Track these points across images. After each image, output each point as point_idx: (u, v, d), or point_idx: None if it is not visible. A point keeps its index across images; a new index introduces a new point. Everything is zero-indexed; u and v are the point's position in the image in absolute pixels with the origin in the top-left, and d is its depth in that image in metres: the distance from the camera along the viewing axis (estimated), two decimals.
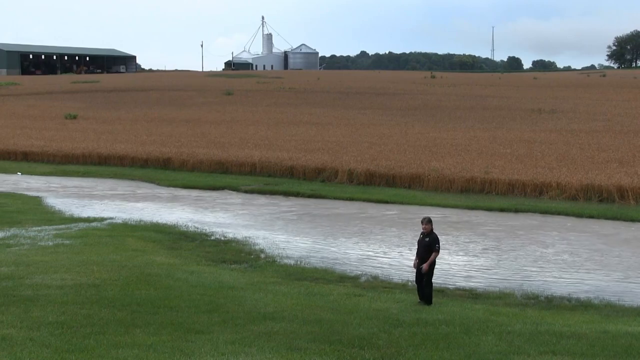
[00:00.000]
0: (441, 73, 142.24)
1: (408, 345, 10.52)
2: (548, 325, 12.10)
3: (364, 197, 28.93)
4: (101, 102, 78.95)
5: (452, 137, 44.54)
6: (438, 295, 14.77)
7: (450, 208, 26.75)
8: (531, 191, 28.75)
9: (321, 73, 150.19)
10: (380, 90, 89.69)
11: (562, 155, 35.67)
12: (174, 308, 12.39)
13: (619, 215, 25.06)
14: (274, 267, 17.66)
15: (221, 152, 38.34)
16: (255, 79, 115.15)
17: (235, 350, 9.94)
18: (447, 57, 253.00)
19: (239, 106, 72.09)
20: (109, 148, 41.37)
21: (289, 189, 30.86)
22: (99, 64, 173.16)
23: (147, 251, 18.57)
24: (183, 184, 32.95)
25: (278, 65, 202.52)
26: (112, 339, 10.37)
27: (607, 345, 10.76)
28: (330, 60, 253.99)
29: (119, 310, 12.05)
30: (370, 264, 18.56)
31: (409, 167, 32.37)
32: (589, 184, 28.03)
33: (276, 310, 12.62)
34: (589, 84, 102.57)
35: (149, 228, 22.45)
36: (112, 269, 15.54)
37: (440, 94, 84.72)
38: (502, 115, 60.22)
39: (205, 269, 16.74)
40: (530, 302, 14.96)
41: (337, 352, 10.07)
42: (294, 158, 35.61)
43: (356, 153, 36.64)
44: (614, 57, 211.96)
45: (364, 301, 13.85)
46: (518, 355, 10.11)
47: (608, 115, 59.39)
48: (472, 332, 11.39)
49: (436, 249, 13.65)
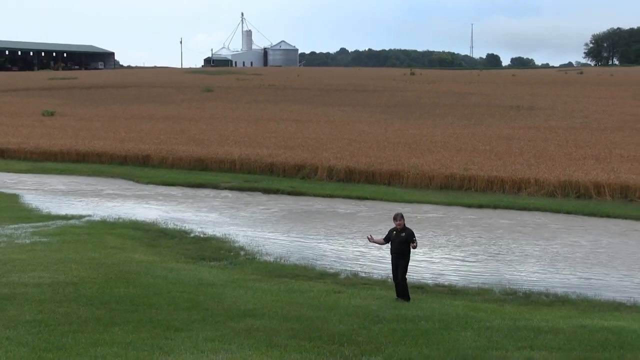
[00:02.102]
0: (421, 70, 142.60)
1: (387, 341, 10.56)
2: (526, 321, 12.20)
3: (343, 194, 28.97)
4: (79, 99, 78.31)
5: (431, 134, 44.71)
6: (417, 292, 14.85)
7: (430, 204, 26.86)
8: (510, 187, 28.94)
9: (301, 70, 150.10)
10: (360, 87, 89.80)
11: (540, 152, 35.93)
12: (153, 305, 12.34)
13: (595, 211, 25.32)
14: (253, 264, 17.64)
15: (201, 149, 38.20)
16: (235, 75, 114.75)
17: (214, 348, 9.91)
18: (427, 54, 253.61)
19: (219, 103, 71.84)
20: (88, 145, 41.06)
21: (269, 186, 30.82)
22: (77, 61, 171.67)
23: (126, 249, 18.47)
24: (162, 181, 32.79)
25: (258, 62, 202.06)
26: (91, 337, 10.30)
27: (583, 339, 10.86)
28: (310, 57, 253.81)
29: (98, 309, 11.97)
30: (350, 260, 18.60)
31: (389, 163, 32.45)
32: (566, 181, 28.27)
33: (256, 307, 12.61)
34: (567, 81, 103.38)
35: (127, 225, 22.33)
36: (91, 266, 15.44)
37: (419, 90, 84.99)
38: (481, 112, 60.52)
39: (184, 267, 16.68)
40: (508, 298, 15.08)
41: (316, 348, 10.08)
42: (274, 155, 35.57)
43: (336, 150, 36.66)
44: (591, 54, 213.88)
45: (344, 298, 13.87)
46: (496, 351, 10.17)
47: (585, 112, 59.91)
48: (451, 328, 11.45)
49: (414, 241, 13.73)
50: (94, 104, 73.05)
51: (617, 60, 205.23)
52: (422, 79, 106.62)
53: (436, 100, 71.96)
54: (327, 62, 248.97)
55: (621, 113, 58.78)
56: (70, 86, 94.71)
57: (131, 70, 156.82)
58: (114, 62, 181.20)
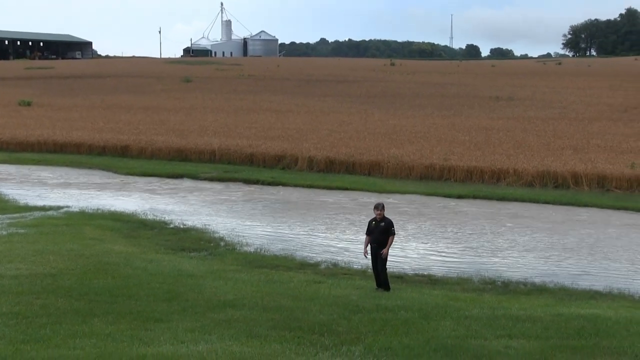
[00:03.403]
0: (401, 60, 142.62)
1: (367, 331, 10.60)
2: (504, 310, 12.30)
3: (323, 185, 28.99)
4: (56, 89, 77.53)
5: (411, 125, 44.82)
6: (397, 282, 14.92)
7: (410, 194, 26.96)
8: (489, 178, 29.12)
9: (281, 60, 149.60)
10: (340, 77, 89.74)
11: (519, 143, 36.16)
12: (132, 297, 12.30)
13: (573, 200, 25.56)
14: (233, 255, 17.62)
15: (180, 140, 38.01)
16: (214, 66, 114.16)
17: (194, 338, 9.90)
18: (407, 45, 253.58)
19: (198, 93, 71.47)
20: (65, 135, 40.69)
21: (249, 177, 30.76)
22: (54, 50, 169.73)
23: (105, 240, 18.37)
24: (141, 172, 32.60)
25: (237, 52, 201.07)
26: (69, 328, 10.25)
27: (560, 327, 10.98)
28: (290, 47, 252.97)
29: (76, 300, 11.91)
30: (330, 250, 18.64)
31: (369, 154, 32.50)
32: (544, 171, 28.50)
33: (236, 297, 12.60)
34: (546, 72, 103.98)
35: (106, 216, 22.20)
36: (69, 258, 15.34)
37: (399, 81, 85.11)
38: (460, 103, 60.75)
39: (164, 257, 16.63)
40: (487, 287, 15.20)
41: (297, 338, 10.10)
42: (254, 145, 35.48)
43: (316, 140, 36.65)
44: (569, 45, 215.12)
45: (324, 288, 13.91)
46: (475, 340, 10.26)
47: (563, 102, 60.34)
48: (430, 318, 11.52)
49: (393, 232, 13.84)
50: (71, 94, 72.38)
51: (595, 51, 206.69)
52: (402, 70, 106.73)
53: (416, 91, 72.12)
54: (307, 53, 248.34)
55: (598, 104, 59.29)
56: (47, 76, 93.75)
57: (109, 60, 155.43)
58: (92, 52, 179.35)
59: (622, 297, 14.51)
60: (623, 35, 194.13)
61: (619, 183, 27.21)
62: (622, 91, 70.13)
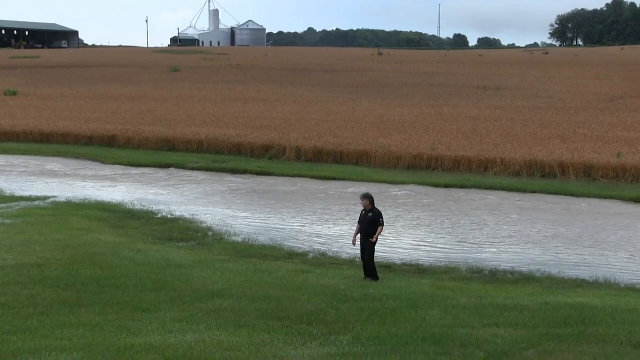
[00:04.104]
0: (388, 50, 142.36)
1: (356, 320, 10.62)
2: (492, 298, 12.35)
3: (311, 174, 28.97)
4: (42, 78, 76.95)
5: (399, 114, 44.84)
6: (384, 271, 14.95)
7: (397, 184, 26.99)
8: (476, 167, 29.19)
9: (268, 49, 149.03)
10: (328, 67, 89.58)
11: (506, 132, 36.26)
12: (120, 287, 12.26)
13: (560, 190, 25.69)
14: (221, 245, 17.60)
15: (167, 129, 37.86)
16: (202, 55, 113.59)
17: (182, 328, 9.89)
18: (394, 34, 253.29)
19: (186, 83, 71.16)
20: (52, 125, 40.43)
21: (237, 166, 30.70)
22: (39, 39, 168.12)
23: (92, 230, 18.30)
24: (129, 162, 32.47)
25: (225, 41, 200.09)
26: (56, 319, 10.21)
27: (547, 316, 11.04)
28: (278, 36, 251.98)
29: (63, 290, 11.86)
30: (318, 240, 18.65)
31: (356, 143, 32.50)
32: (531, 160, 28.60)
33: (224, 287, 12.59)
34: (533, 61, 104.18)
35: (93, 206, 22.10)
36: (56, 248, 15.27)
37: (387, 70, 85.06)
38: (448, 92, 60.81)
39: (151, 247, 16.59)
40: (474, 276, 15.25)
41: (285, 328, 10.11)
42: (242, 135, 35.40)
43: (304, 130, 36.60)
44: (556, 35, 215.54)
45: (312, 277, 13.92)
46: (463, 328, 10.30)
47: (550, 92, 60.52)
48: (418, 307, 11.56)
49: (381, 222, 13.86)
50: (57, 83, 71.87)
51: (581, 41, 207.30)
52: (390, 59, 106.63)
53: (404, 80, 72.11)
54: (295, 42, 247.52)
55: (585, 93, 59.52)
56: (33, 65, 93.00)
57: (96, 49, 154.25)
58: (78, 41, 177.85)
59: (608, 286, 14.61)
60: (609, 25, 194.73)
61: (605, 172, 27.36)
62: (608, 80, 70.42)
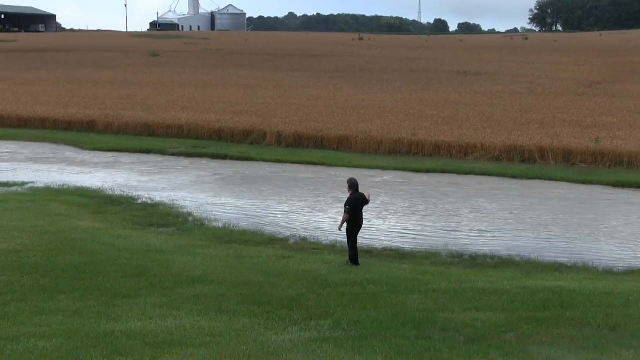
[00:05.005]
0: (369, 35, 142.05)
1: (336, 305, 10.66)
2: (472, 283, 12.44)
3: (292, 159, 28.93)
4: (19, 63, 76.05)
5: (380, 99, 44.83)
6: (365, 256, 14.99)
7: (378, 169, 27.03)
8: (457, 152, 29.29)
9: (249, 34, 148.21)
10: (309, 52, 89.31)
11: (486, 117, 36.39)
12: (100, 273, 12.20)
13: (540, 174, 25.85)
14: (202, 230, 17.55)
15: (147, 115, 37.58)
16: (182, 40, 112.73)
17: (163, 314, 9.87)
18: (375, 19, 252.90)
19: (166, 68, 70.65)
20: (30, 110, 40.00)
21: (217, 152, 30.57)
22: (16, 23, 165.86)
23: (71, 216, 18.17)
24: (108, 147, 32.23)
25: (205, 26, 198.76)
26: (36, 305, 10.15)
27: (526, 299, 11.14)
28: (258, 21, 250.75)
29: (42, 277, 11.79)
30: (299, 225, 18.65)
31: (337, 129, 32.48)
32: (511, 145, 28.74)
33: (205, 273, 12.57)
34: (513, 46, 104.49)
35: (72, 192, 21.94)
36: (35, 234, 15.16)
37: (368, 56, 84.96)
38: (428, 77, 60.88)
39: (132, 233, 16.51)
40: (455, 261, 15.34)
41: (266, 313, 10.12)
42: (222, 120, 35.24)
43: (284, 115, 36.51)
44: (536, 20, 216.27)
45: (293, 263, 13.93)
46: (443, 312, 10.37)
47: (530, 77, 60.77)
48: (399, 291, 11.61)
49: (346, 210, 13.92)
50: (35, 67, 71.07)
51: (561, 26, 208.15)
52: (371, 44, 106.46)
53: (384, 66, 72.07)
54: (276, 27, 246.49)
55: (564, 78, 59.84)
56: (10, 49, 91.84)
57: (74, 33, 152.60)
58: (56, 25, 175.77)
59: (586, 270, 14.76)
60: (588, 11, 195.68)
61: (583, 157, 27.56)
62: (587, 66, 70.85)
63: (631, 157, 26.96)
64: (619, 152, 27.27)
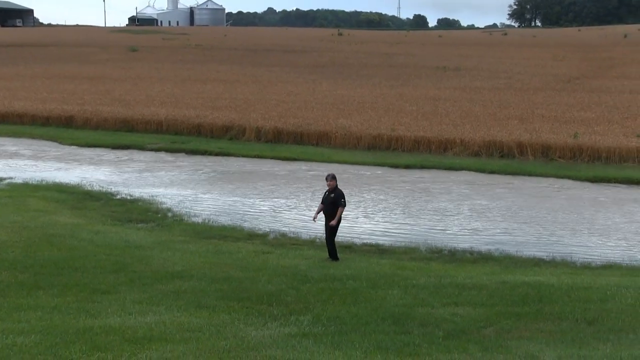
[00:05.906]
0: (348, 30, 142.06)
1: (316, 300, 10.67)
2: (451, 278, 12.51)
3: (272, 155, 28.90)
4: None
5: (359, 95, 44.88)
6: (345, 251, 15.02)
7: (358, 165, 27.08)
8: (436, 148, 29.39)
9: (228, 30, 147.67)
10: (288, 47, 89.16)
11: (465, 113, 36.54)
12: (78, 269, 12.13)
13: (518, 170, 26.02)
14: (181, 226, 17.50)
15: (126, 110, 37.37)
16: (161, 35, 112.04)
17: (142, 310, 9.83)
18: (354, 15, 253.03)
19: (144, 63, 70.22)
20: (7, 105, 39.60)
21: (197, 147, 30.47)
22: None
23: (50, 211, 18.04)
24: (87, 143, 32.00)
25: (184, 21, 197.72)
26: (14, 301, 10.07)
27: (505, 294, 11.22)
28: (237, 16, 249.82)
29: (21, 273, 11.70)
30: (278, 221, 18.65)
31: (317, 124, 32.48)
32: (490, 140, 28.90)
33: (184, 268, 12.54)
34: (492, 42, 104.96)
35: (51, 188, 21.78)
36: (13, 230, 15.04)
37: (347, 51, 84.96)
38: (408, 73, 61.01)
39: (111, 229, 16.43)
40: (434, 256, 15.42)
41: (245, 308, 10.11)
42: (201, 116, 35.11)
43: (264, 111, 36.44)
44: (515, 16, 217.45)
45: (273, 258, 13.93)
46: (422, 307, 10.42)
47: (509, 73, 61.09)
48: (378, 287, 11.65)
49: (342, 203, 13.90)
50: (12, 62, 70.33)
51: (540, 22, 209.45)
52: (350, 40, 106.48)
53: (364, 61, 72.12)
54: (255, 22, 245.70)
55: (543, 74, 60.23)
56: None
57: (52, 28, 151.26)
58: (33, 20, 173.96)
59: (565, 264, 14.89)
60: (567, 7, 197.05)
61: (562, 152, 27.79)
62: (566, 62, 71.36)
63: (609, 153, 27.22)
64: (597, 147, 27.52)
